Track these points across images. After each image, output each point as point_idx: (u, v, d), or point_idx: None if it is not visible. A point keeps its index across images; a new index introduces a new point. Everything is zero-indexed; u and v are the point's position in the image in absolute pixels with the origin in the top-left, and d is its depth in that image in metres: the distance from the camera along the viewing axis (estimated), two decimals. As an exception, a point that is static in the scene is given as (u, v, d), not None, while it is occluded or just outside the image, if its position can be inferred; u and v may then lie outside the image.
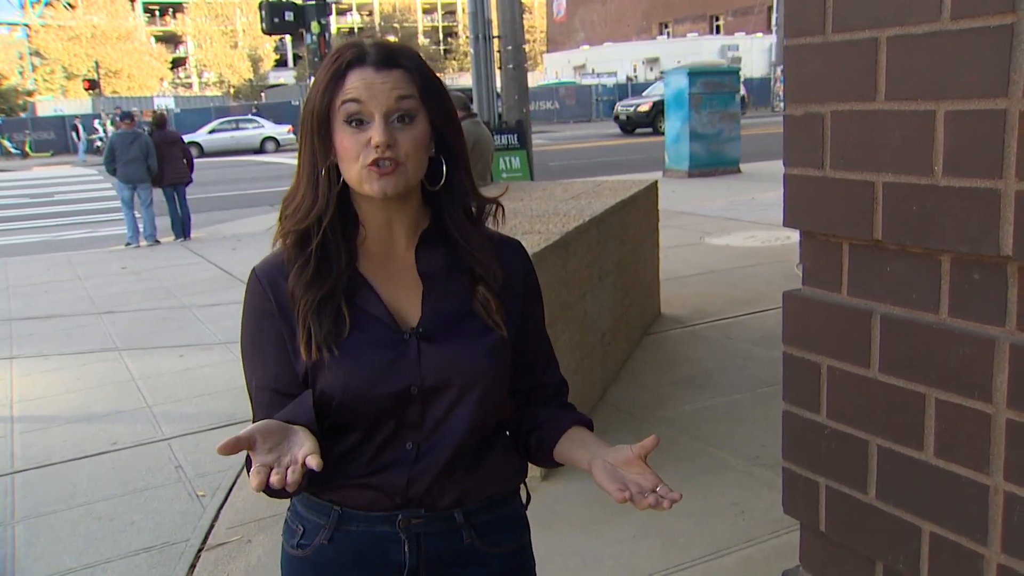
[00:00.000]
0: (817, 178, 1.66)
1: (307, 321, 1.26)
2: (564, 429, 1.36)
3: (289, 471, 1.06)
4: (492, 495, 1.37)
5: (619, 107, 30.53)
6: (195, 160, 12.35)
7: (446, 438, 1.29)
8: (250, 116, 34.49)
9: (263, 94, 56.16)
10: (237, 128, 32.13)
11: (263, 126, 32.42)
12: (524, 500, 1.47)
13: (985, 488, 1.45)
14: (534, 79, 42.10)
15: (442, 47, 74.50)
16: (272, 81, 64.63)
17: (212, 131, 31.47)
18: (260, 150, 31.04)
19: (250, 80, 64.85)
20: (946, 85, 1.41)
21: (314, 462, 1.06)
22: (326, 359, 1.25)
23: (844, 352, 1.68)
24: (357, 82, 1.22)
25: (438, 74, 1.33)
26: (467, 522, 1.34)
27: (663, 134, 26.55)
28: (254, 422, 1.30)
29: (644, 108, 28.39)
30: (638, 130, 28.43)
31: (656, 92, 29.35)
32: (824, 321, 1.72)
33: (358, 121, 1.22)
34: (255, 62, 66.54)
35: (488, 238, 1.36)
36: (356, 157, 1.23)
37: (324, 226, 1.26)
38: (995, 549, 1.45)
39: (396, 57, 1.25)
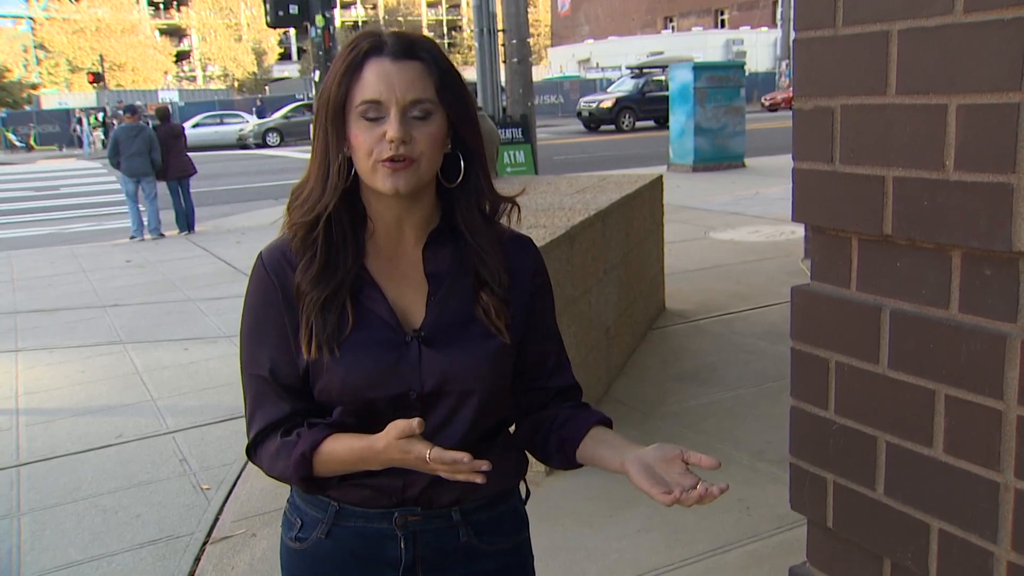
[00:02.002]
0: (827, 172, 1.65)
1: (311, 320, 1.24)
2: (586, 430, 1.32)
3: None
4: (490, 493, 1.35)
5: (582, 103, 29.39)
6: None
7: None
8: (234, 111, 34.22)
9: (267, 87, 56.16)
10: (221, 123, 31.88)
11: (247, 121, 32.04)
12: (524, 496, 1.46)
13: (995, 485, 1.44)
14: (538, 73, 41.94)
15: (446, 41, 74.34)
16: (276, 75, 64.68)
17: (196, 125, 30.97)
18: (244, 145, 30.53)
19: (254, 74, 64.87)
20: (958, 79, 1.40)
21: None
22: (326, 359, 1.24)
23: (853, 348, 1.67)
24: (373, 74, 1.20)
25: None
26: (464, 520, 1.33)
27: (625, 131, 26.32)
28: (251, 410, 1.31)
29: (607, 104, 27.47)
30: (602, 127, 27.55)
31: (623, 88, 28.69)
32: (833, 316, 1.71)
33: (374, 114, 1.20)
34: (259, 56, 66.55)
35: (498, 237, 1.33)
36: (370, 151, 1.20)
37: (331, 218, 1.25)
38: (1005, 547, 1.44)
39: (414, 49, 1.22)
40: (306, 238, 1.26)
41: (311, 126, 1.30)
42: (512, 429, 1.43)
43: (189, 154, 11.84)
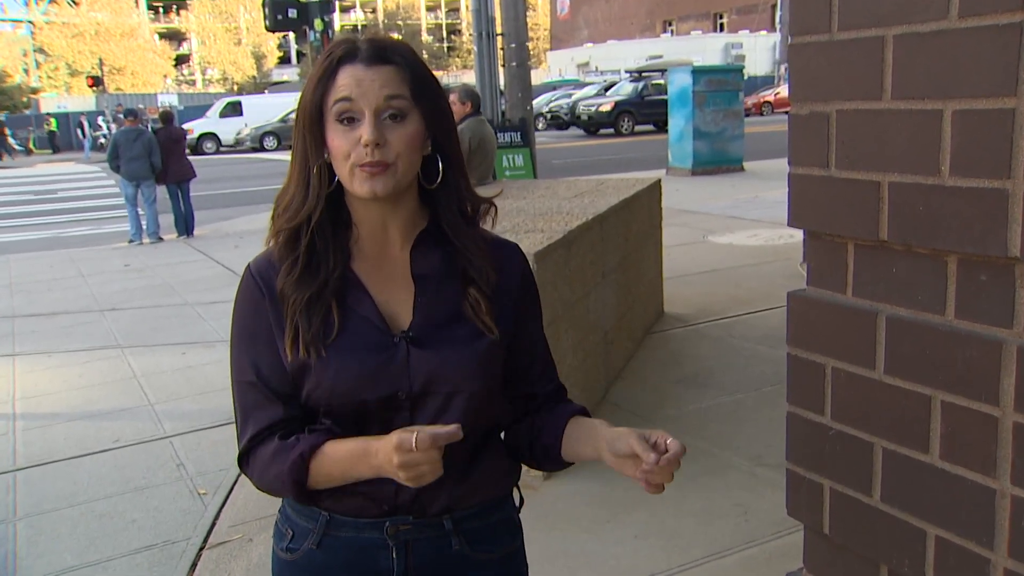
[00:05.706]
0: (822, 178, 1.65)
1: (295, 320, 1.25)
2: (562, 428, 1.34)
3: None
4: (483, 501, 1.35)
5: (581, 107, 28.78)
6: None
7: None
8: None
9: (266, 91, 56.20)
10: None
11: None
12: (517, 503, 1.45)
13: (992, 492, 1.44)
14: (538, 77, 41.95)
15: (445, 44, 74.44)
16: (276, 78, 64.64)
17: None
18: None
19: (254, 77, 64.87)
20: (953, 84, 1.40)
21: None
22: (313, 361, 1.24)
23: (849, 353, 1.66)
24: (347, 79, 1.21)
25: (439, 72, 1.30)
26: (456, 529, 1.32)
27: (624, 135, 26.14)
28: (242, 418, 1.31)
29: (606, 108, 27.21)
30: (601, 131, 27.22)
31: (622, 92, 28.41)
32: (829, 322, 1.70)
33: (349, 119, 1.21)
34: (259, 59, 66.56)
35: (483, 239, 1.34)
36: (347, 155, 1.22)
37: (313, 224, 1.26)
38: (1002, 553, 1.43)
39: (387, 53, 1.24)
40: (288, 244, 1.28)
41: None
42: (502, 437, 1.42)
43: (189, 158, 11.85)
